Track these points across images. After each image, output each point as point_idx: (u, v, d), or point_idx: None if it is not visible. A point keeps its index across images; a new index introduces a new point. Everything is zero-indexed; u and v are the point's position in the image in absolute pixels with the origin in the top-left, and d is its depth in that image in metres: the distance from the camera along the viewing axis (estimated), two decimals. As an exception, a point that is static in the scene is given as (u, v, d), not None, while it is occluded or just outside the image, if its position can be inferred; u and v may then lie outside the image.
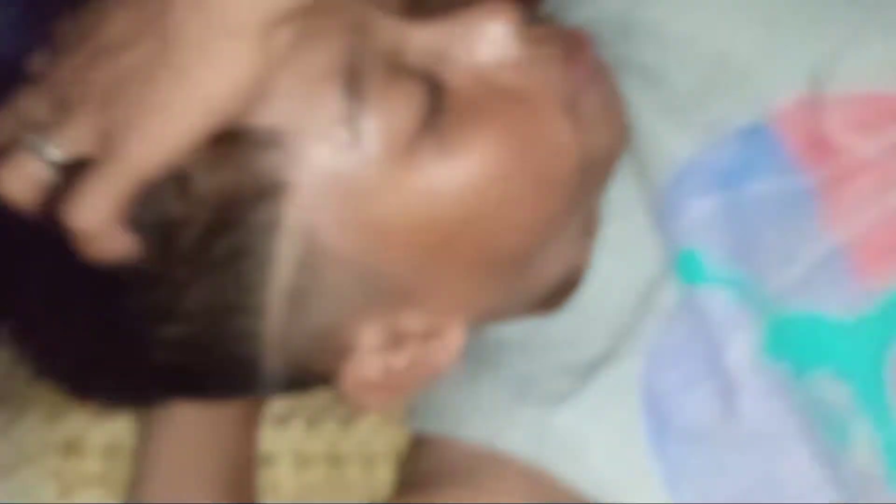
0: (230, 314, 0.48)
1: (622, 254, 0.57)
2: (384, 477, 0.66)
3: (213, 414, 0.61)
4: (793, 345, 0.54)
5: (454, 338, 0.53)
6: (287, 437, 0.66)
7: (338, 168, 0.47)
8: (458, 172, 0.49)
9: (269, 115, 0.46)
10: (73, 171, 0.45)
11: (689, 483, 0.54)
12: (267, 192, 0.46)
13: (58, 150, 0.45)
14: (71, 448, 0.62)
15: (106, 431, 0.62)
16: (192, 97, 0.44)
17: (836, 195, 0.54)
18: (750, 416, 0.53)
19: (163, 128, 0.44)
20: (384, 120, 0.47)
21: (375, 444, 0.67)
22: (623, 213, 0.58)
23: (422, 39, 0.49)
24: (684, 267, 0.56)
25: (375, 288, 0.50)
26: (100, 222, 0.45)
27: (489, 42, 0.50)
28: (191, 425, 0.61)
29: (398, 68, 0.48)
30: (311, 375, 0.53)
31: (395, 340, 0.52)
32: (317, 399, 0.65)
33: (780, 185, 0.55)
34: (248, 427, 0.64)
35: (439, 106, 0.48)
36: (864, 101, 0.55)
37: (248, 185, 0.46)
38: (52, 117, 0.46)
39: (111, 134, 0.44)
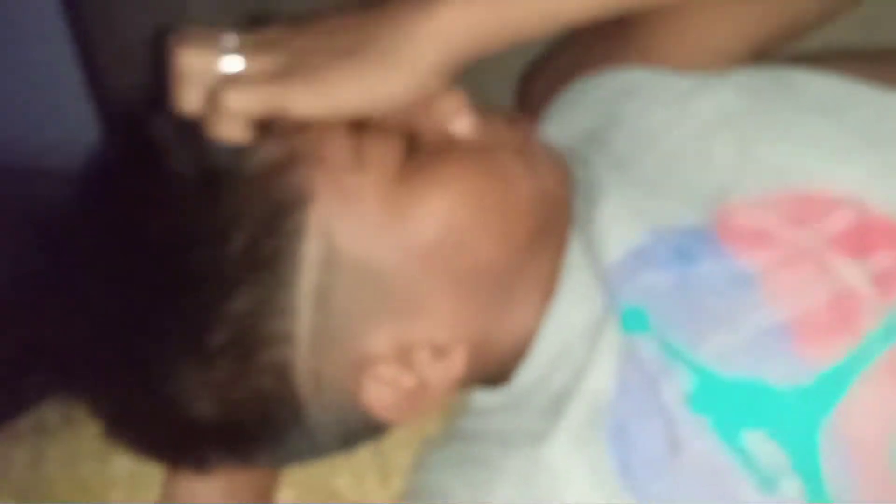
0: (268, 315, 0.56)
1: (573, 300, 0.63)
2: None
3: (232, 488, 0.66)
4: (723, 404, 0.58)
5: (458, 359, 0.61)
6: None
7: (348, 186, 0.57)
8: (436, 196, 0.59)
9: (302, 143, 0.57)
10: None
11: None
12: (298, 202, 0.56)
13: (243, 58, 0.55)
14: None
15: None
16: (368, 83, 0.54)
17: (777, 278, 0.59)
18: (691, 451, 0.58)
19: (334, 88, 0.54)
20: (378, 151, 0.58)
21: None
22: (573, 268, 0.64)
23: (399, 113, 0.59)
24: (629, 320, 0.61)
25: (381, 294, 0.59)
26: (239, 110, 0.54)
27: (447, 110, 0.61)
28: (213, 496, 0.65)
29: (384, 128, 0.59)
30: (340, 402, 0.60)
31: (406, 358, 0.60)
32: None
33: (724, 268, 0.60)
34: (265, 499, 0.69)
35: (416, 150, 0.59)
36: (799, 199, 0.61)
37: (286, 196, 0.56)
38: (255, 45, 0.56)
39: (291, 72, 0.55)
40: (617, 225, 0.63)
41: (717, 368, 0.58)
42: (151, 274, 0.56)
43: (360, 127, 0.58)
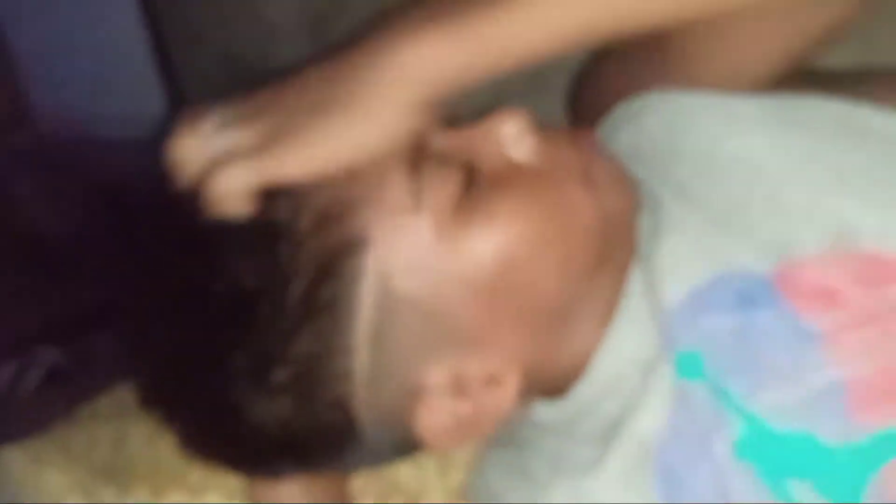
0: (329, 356, 0.58)
1: (630, 330, 0.63)
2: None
3: (311, 488, 0.69)
4: (771, 453, 0.58)
5: (511, 385, 0.62)
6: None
7: (404, 228, 0.58)
8: (494, 232, 0.59)
9: (357, 188, 0.57)
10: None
11: None
12: (355, 247, 0.57)
13: (233, 130, 0.56)
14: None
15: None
16: (344, 136, 0.55)
17: (839, 339, 0.58)
18: (739, 498, 0.59)
19: (313, 148, 0.55)
20: (435, 191, 0.58)
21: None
22: (633, 296, 0.64)
23: (459, 140, 0.61)
24: (684, 364, 0.61)
25: (439, 331, 0.59)
26: (235, 189, 0.55)
27: (507, 135, 0.61)
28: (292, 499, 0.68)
29: (443, 159, 0.59)
30: (396, 426, 0.61)
31: (460, 387, 0.61)
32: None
33: (786, 322, 0.59)
34: (341, 499, 0.72)
35: (474, 182, 0.59)
36: (869, 260, 0.60)
37: (342, 242, 0.57)
38: (236, 120, 0.57)
39: (277, 138, 0.55)
40: (680, 262, 0.63)
41: (770, 420, 0.59)
42: (220, 318, 0.57)
43: (418, 160, 0.58)
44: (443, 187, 0.58)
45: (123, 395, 0.74)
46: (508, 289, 0.60)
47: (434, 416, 0.61)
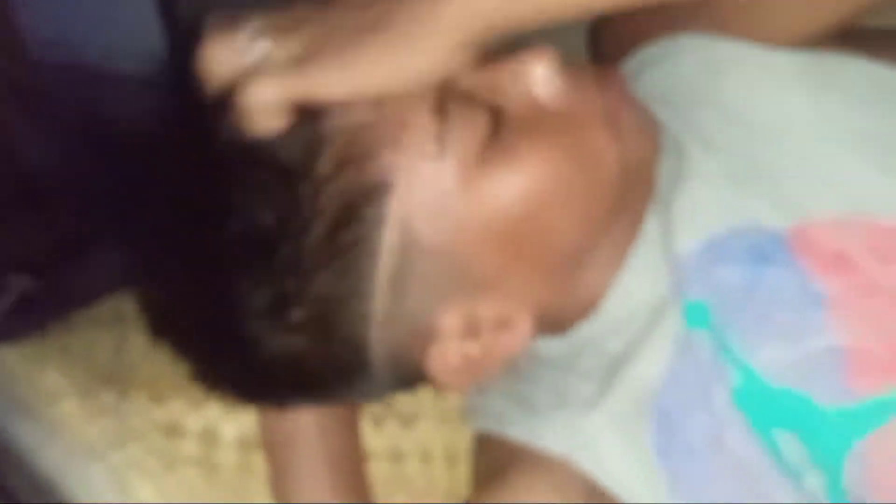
0: (347, 298, 0.58)
1: (641, 273, 0.64)
2: (440, 474, 0.74)
3: (323, 416, 0.69)
4: (764, 405, 0.60)
5: (523, 328, 0.63)
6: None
7: (428, 173, 0.57)
8: (518, 177, 0.59)
9: (381, 127, 0.56)
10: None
11: (687, 488, 0.62)
12: (378, 191, 0.57)
13: (267, 43, 0.54)
14: (171, 430, 0.69)
15: (201, 417, 0.70)
16: (389, 62, 0.54)
17: (846, 305, 0.60)
18: (734, 451, 0.60)
19: (355, 69, 0.54)
20: (460, 136, 0.57)
21: (433, 442, 0.75)
22: (648, 242, 0.64)
23: (486, 79, 0.59)
24: (692, 313, 0.62)
25: (456, 275, 0.60)
26: (268, 102, 0.54)
27: (535, 77, 0.60)
28: (307, 429, 0.68)
29: (470, 100, 0.58)
30: (406, 364, 0.62)
31: (472, 329, 0.62)
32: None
33: (796, 281, 0.61)
34: (354, 427, 0.72)
35: (500, 125, 0.58)
36: (886, 233, 0.61)
37: (365, 185, 0.56)
38: (276, 29, 0.55)
39: (315, 54, 0.54)
40: (697, 212, 0.63)
41: (767, 376, 0.60)
42: (237, 256, 0.57)
43: (444, 100, 0.57)
44: (468, 132, 0.58)
45: (124, 303, 0.73)
46: (528, 234, 0.60)
47: (445, 357, 0.62)
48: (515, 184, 0.59)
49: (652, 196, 0.65)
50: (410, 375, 0.64)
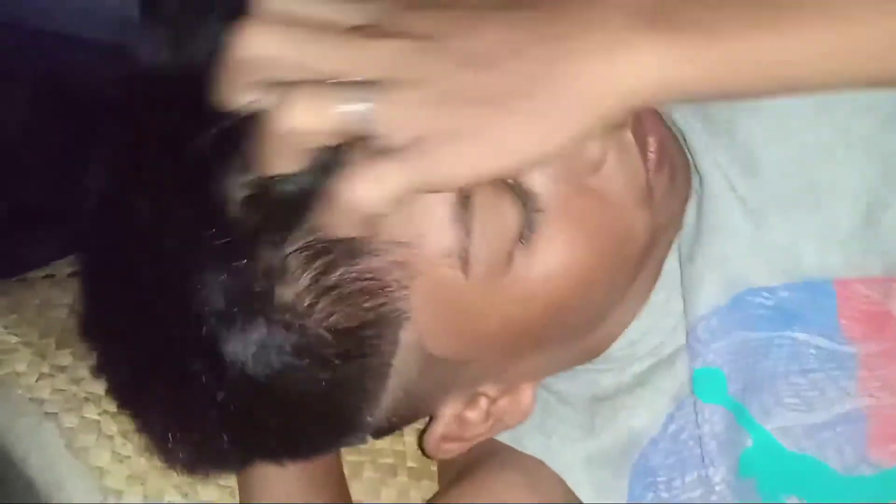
0: (353, 403, 0.51)
1: (653, 323, 0.60)
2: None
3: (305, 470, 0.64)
4: (776, 468, 0.56)
5: (526, 398, 0.58)
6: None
7: (447, 285, 0.49)
8: (546, 270, 0.51)
9: (392, 230, 0.47)
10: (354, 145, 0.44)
11: None
12: (391, 322, 0.49)
13: (369, 109, 0.43)
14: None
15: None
16: (524, 142, 0.44)
17: (876, 368, 0.55)
18: None
19: (483, 157, 0.43)
20: (486, 238, 0.49)
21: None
22: (665, 288, 0.59)
23: None
24: (704, 380, 0.58)
25: (466, 375, 0.55)
26: (379, 205, 0.44)
27: (583, 156, 0.51)
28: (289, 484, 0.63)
29: (497, 184, 0.49)
30: (400, 425, 0.58)
31: (472, 401, 0.57)
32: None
33: (823, 343, 0.56)
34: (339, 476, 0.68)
35: (531, 217, 0.50)
36: None
37: (379, 318, 0.48)
38: (380, 80, 0.43)
39: (437, 139, 0.43)
40: (723, 270, 0.57)
41: (782, 440, 0.56)
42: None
43: (467, 189, 0.48)
44: (496, 232, 0.49)
45: (53, 268, 0.72)
46: (551, 325, 0.54)
47: (441, 430, 0.58)
48: (547, 286, 0.51)
49: (678, 234, 0.60)
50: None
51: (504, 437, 0.63)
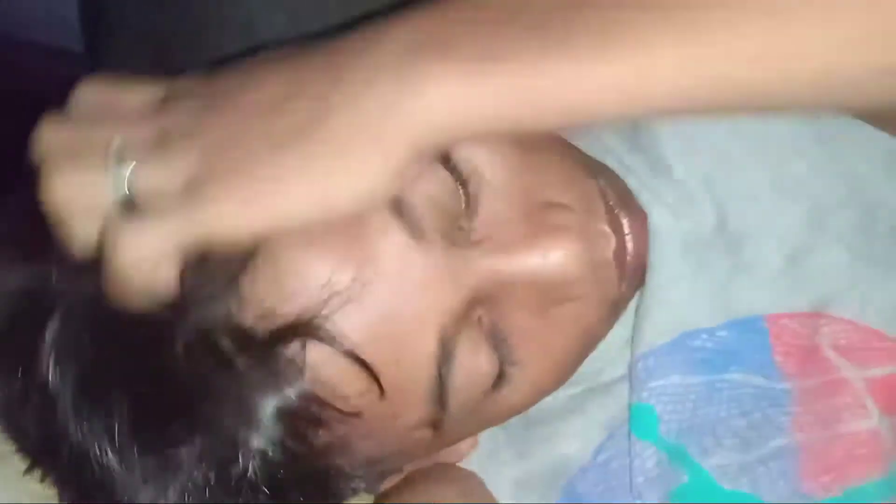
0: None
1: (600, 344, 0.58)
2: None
3: None
4: None
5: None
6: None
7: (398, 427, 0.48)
8: (510, 401, 0.51)
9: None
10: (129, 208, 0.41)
11: None
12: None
13: (134, 174, 0.41)
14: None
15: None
16: (310, 187, 0.40)
17: (809, 404, 0.55)
18: None
19: (263, 202, 0.40)
20: (461, 406, 0.49)
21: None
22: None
23: (496, 273, 0.48)
24: (638, 416, 0.57)
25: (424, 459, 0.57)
26: (151, 258, 0.41)
27: (551, 266, 0.49)
28: None
29: (472, 326, 0.48)
30: None
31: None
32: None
33: (759, 382, 0.56)
34: None
35: (504, 357, 0.49)
36: (861, 331, 0.56)
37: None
38: (145, 143, 0.42)
39: (203, 183, 0.40)
40: (665, 312, 0.56)
41: (718, 479, 0.56)
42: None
43: (445, 336, 0.46)
44: (472, 386, 0.49)
45: None
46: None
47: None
48: (506, 408, 0.53)
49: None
50: None
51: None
